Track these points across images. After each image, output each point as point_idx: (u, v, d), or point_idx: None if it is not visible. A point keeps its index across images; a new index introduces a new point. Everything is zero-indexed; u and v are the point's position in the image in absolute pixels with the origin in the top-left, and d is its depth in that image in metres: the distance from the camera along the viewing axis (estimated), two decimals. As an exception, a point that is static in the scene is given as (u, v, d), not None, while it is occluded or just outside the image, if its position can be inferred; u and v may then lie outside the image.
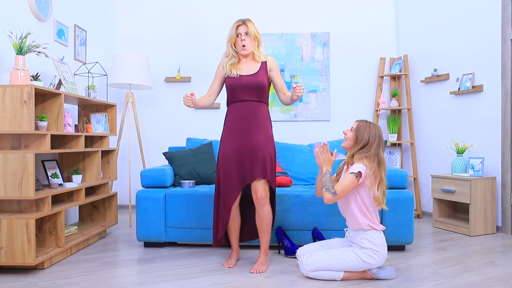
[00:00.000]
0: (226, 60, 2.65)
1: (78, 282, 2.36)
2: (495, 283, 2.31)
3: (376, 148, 2.36)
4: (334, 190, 2.29)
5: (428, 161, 4.39)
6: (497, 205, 3.61)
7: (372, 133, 2.37)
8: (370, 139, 2.36)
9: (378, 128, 2.41)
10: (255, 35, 2.59)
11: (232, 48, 2.63)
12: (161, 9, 4.85)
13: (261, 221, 2.57)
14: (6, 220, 2.41)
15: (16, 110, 2.51)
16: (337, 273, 2.36)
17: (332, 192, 2.29)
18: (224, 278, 2.42)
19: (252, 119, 2.56)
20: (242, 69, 2.61)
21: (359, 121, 2.43)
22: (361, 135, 2.37)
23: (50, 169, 3.16)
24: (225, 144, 2.60)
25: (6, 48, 2.93)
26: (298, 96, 2.48)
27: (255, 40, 2.61)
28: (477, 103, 3.79)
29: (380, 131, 2.41)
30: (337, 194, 2.29)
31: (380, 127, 2.46)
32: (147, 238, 3.09)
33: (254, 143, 2.53)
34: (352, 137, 2.41)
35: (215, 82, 2.73)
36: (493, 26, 3.62)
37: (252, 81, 2.57)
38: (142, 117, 4.86)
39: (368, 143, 2.35)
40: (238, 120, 2.57)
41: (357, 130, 2.40)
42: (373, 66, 4.78)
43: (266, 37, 4.75)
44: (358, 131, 2.39)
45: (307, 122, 4.79)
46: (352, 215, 2.37)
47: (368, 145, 2.35)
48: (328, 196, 2.30)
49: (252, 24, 2.59)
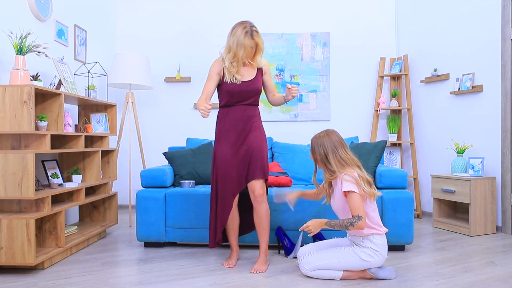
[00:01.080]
0: (230, 66, 2.55)
1: (78, 282, 2.36)
2: (495, 283, 2.31)
3: (333, 155, 2.34)
4: (357, 216, 2.24)
5: (428, 161, 4.39)
6: (497, 205, 3.61)
7: (322, 144, 2.37)
8: (324, 150, 2.36)
9: (329, 134, 2.39)
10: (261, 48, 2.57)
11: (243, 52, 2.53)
12: (161, 9, 4.85)
13: (260, 219, 2.57)
14: (6, 220, 2.41)
15: (16, 110, 2.51)
16: (336, 272, 2.36)
17: (357, 218, 2.24)
18: (224, 278, 2.42)
19: (250, 122, 2.60)
20: (243, 74, 2.60)
21: (311, 140, 2.46)
22: (317, 152, 2.40)
23: (50, 169, 3.16)
24: (223, 146, 2.59)
25: (6, 48, 2.93)
26: (293, 96, 2.53)
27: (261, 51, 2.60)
28: (477, 103, 3.79)
29: (331, 135, 2.39)
30: (361, 214, 2.24)
31: (333, 130, 2.43)
32: (147, 238, 3.09)
33: (253, 144, 2.56)
34: (313, 158, 2.45)
35: (211, 84, 2.61)
36: (493, 26, 3.62)
37: (251, 87, 2.59)
38: (142, 117, 4.86)
39: (325, 155, 2.35)
40: (238, 122, 2.58)
41: (312, 150, 2.44)
42: (373, 66, 4.78)
43: (266, 37, 4.75)
44: (313, 150, 2.42)
45: (307, 122, 4.79)
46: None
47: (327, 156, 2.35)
48: (359, 223, 2.23)
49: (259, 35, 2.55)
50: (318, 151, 2.39)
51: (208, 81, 2.61)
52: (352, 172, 2.31)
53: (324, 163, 2.39)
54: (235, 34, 2.51)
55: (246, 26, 2.51)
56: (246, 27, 2.51)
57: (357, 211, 2.25)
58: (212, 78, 2.61)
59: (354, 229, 2.26)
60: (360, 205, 2.26)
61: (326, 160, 2.37)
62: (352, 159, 2.37)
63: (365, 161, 3.10)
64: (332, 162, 2.35)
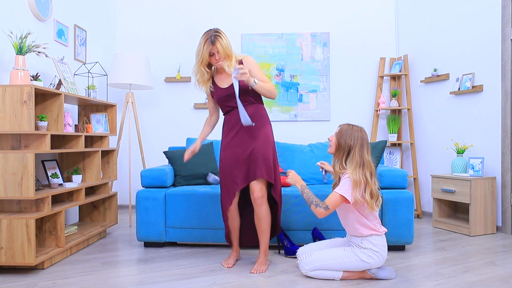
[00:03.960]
0: (200, 79, 2.59)
1: (78, 282, 2.36)
2: (495, 283, 2.31)
3: (359, 150, 2.32)
4: (326, 205, 2.30)
5: (428, 161, 4.39)
6: (497, 205, 3.61)
7: (354, 136, 2.33)
8: (352, 142, 2.33)
9: (362, 131, 2.37)
10: (226, 53, 2.46)
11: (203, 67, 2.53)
12: (161, 9, 4.85)
13: (259, 221, 2.56)
14: (6, 220, 2.41)
15: (16, 110, 2.51)
16: (336, 273, 2.36)
17: (324, 207, 2.30)
18: (224, 278, 2.42)
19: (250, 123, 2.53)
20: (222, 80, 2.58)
21: (342, 125, 2.41)
22: (343, 139, 2.35)
23: (50, 169, 3.16)
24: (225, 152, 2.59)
25: (6, 48, 2.93)
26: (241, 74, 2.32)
27: (226, 58, 2.49)
28: (477, 103, 3.79)
29: (364, 133, 2.37)
30: (329, 208, 2.30)
31: (365, 130, 2.41)
32: (147, 238, 3.09)
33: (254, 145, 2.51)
34: (335, 142, 2.40)
35: (209, 101, 2.77)
36: (493, 26, 3.62)
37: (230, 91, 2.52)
38: (142, 117, 4.86)
39: (351, 147, 2.33)
40: (233, 127, 2.57)
41: (339, 134, 2.38)
42: (373, 66, 4.78)
43: (266, 37, 4.76)
44: (340, 135, 2.37)
45: (307, 122, 4.79)
46: (353, 226, 2.36)
47: (351, 148, 2.32)
48: (321, 211, 2.31)
49: (221, 40, 2.43)
50: (345, 140, 2.34)
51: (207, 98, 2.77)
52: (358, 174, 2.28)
53: (343, 154, 2.35)
54: (199, 43, 2.50)
55: (209, 33, 2.45)
56: (208, 33, 2.45)
57: (330, 202, 2.31)
58: (207, 94, 2.72)
59: (313, 211, 2.34)
60: (336, 204, 2.31)
61: (347, 152, 2.34)
62: (370, 163, 2.33)
63: (365, 161, 3.09)
64: (350, 157, 2.32)
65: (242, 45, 4.78)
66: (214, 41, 2.43)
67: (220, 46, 2.43)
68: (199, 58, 2.51)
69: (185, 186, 3.23)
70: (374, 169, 2.36)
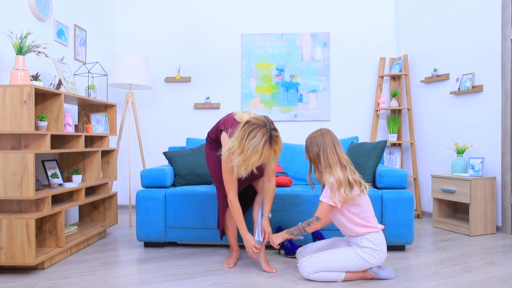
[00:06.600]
0: (239, 170, 2.33)
1: (78, 282, 2.36)
2: (495, 283, 2.31)
3: (324, 153, 2.34)
4: (316, 217, 2.33)
5: (428, 161, 4.39)
6: (497, 205, 3.61)
7: (316, 143, 2.37)
8: (317, 149, 2.36)
9: (324, 133, 2.38)
10: (279, 154, 2.47)
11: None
12: (161, 9, 4.85)
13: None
14: (6, 220, 2.41)
15: (16, 110, 2.51)
16: (338, 274, 2.34)
17: (315, 219, 2.33)
18: (224, 278, 2.42)
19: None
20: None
21: (306, 138, 2.46)
22: (310, 151, 2.41)
23: (50, 169, 3.16)
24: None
25: (6, 48, 2.93)
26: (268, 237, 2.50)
27: (277, 158, 2.48)
28: (477, 103, 3.79)
29: (326, 134, 2.38)
30: (321, 218, 2.33)
31: (327, 129, 2.42)
32: (147, 238, 3.09)
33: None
34: (307, 157, 2.46)
35: (231, 178, 2.44)
36: (493, 26, 3.62)
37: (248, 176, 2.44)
38: (142, 117, 4.86)
39: (318, 154, 2.35)
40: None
41: (306, 149, 2.45)
42: (373, 66, 4.78)
43: (266, 37, 4.76)
44: (307, 150, 2.43)
45: (307, 122, 4.79)
46: (347, 228, 2.37)
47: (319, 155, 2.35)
48: (316, 224, 2.34)
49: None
50: (312, 151, 2.39)
51: (227, 175, 2.42)
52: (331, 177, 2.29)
53: (317, 163, 2.39)
54: (253, 139, 2.24)
55: (266, 131, 2.27)
56: (266, 133, 2.26)
57: (319, 213, 2.33)
58: (229, 173, 2.41)
59: (310, 229, 2.35)
60: (325, 212, 2.32)
61: (318, 159, 2.37)
62: (338, 159, 2.33)
63: (365, 161, 3.10)
64: (322, 163, 2.35)
65: (242, 45, 4.78)
66: (272, 143, 2.32)
67: (278, 147, 2.38)
68: (253, 154, 2.26)
69: (185, 186, 3.23)
70: (345, 159, 2.36)
